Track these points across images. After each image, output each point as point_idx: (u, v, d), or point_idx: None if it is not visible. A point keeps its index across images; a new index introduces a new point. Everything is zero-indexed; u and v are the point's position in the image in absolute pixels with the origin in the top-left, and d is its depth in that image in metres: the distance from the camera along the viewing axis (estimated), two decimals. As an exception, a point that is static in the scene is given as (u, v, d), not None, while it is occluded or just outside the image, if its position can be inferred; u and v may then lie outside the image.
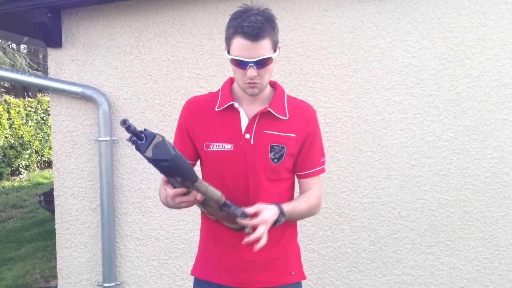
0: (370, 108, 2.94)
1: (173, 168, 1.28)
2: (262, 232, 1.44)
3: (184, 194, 1.41)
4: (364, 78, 2.94)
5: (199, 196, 1.43)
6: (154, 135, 1.25)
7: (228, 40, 1.53)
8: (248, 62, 1.49)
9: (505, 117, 2.79)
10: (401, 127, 2.91)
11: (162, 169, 1.29)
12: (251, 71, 1.51)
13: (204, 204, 1.50)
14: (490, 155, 2.82)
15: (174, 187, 1.42)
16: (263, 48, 1.50)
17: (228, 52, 1.54)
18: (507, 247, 2.84)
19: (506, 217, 2.82)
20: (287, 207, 1.59)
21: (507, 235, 2.83)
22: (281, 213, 1.55)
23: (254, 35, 1.46)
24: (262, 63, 1.52)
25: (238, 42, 1.49)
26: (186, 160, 1.34)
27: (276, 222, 1.54)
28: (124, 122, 1.19)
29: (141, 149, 1.24)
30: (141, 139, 1.24)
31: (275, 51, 1.55)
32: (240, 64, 1.51)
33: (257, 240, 1.44)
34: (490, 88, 2.80)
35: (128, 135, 1.26)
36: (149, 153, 1.23)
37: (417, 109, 2.88)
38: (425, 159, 2.89)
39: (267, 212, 1.49)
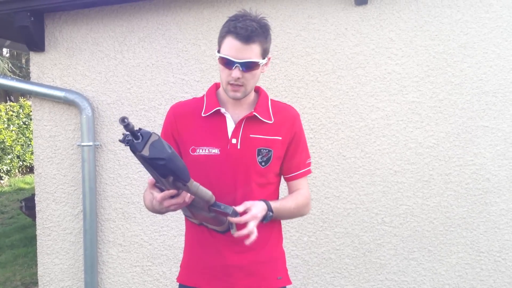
0: (354, 114, 2.96)
1: (168, 167, 1.25)
2: (252, 227, 1.46)
3: (172, 197, 1.40)
4: (348, 85, 2.96)
5: (187, 198, 1.41)
6: (150, 134, 1.23)
7: (221, 39, 1.56)
8: (235, 63, 1.51)
9: (486, 124, 2.83)
10: (384, 133, 2.93)
11: (157, 169, 1.27)
12: (236, 72, 1.52)
13: (191, 206, 1.48)
14: (472, 161, 2.86)
15: (162, 190, 1.40)
16: (252, 52, 1.52)
17: (219, 51, 1.57)
18: (488, 252, 2.87)
19: (487, 223, 2.86)
20: (274, 204, 1.61)
21: (488, 241, 2.87)
22: (269, 209, 1.57)
23: (245, 37, 1.49)
24: (248, 66, 1.53)
25: (229, 42, 1.51)
26: (181, 159, 1.32)
27: (264, 218, 1.55)
28: (123, 120, 1.16)
29: (137, 148, 1.21)
30: (137, 138, 1.22)
31: (263, 58, 1.57)
32: (227, 63, 1.53)
33: (247, 236, 1.46)
34: (471, 96, 2.84)
35: (120, 137, 1.24)
36: (146, 152, 1.21)
37: (400, 115, 2.91)
38: (407, 165, 2.92)
39: (256, 208, 1.51)
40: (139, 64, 3.22)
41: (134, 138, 1.21)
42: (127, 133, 1.21)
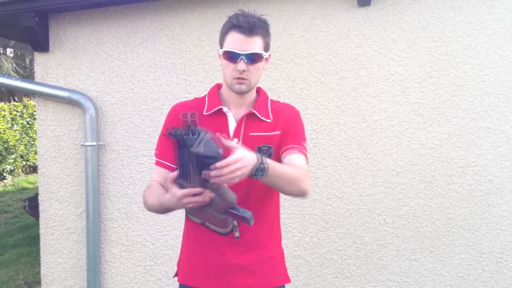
0: (357, 115, 2.97)
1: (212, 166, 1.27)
2: (236, 163, 1.28)
3: (194, 195, 1.36)
4: (351, 86, 2.97)
5: (208, 197, 1.40)
6: (206, 132, 1.27)
7: (223, 36, 1.59)
8: (240, 55, 1.54)
9: (488, 125, 2.83)
10: (387, 134, 2.94)
11: (202, 166, 1.27)
12: (241, 64, 1.55)
13: (206, 205, 1.45)
14: (474, 163, 2.86)
15: (181, 187, 1.36)
16: (255, 44, 1.56)
17: (221, 48, 1.60)
18: (490, 254, 2.87)
19: (489, 224, 2.86)
20: (270, 160, 1.43)
21: (490, 242, 2.87)
22: (261, 161, 1.39)
23: (248, 29, 1.53)
24: (252, 58, 1.56)
25: (232, 36, 1.55)
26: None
27: (257, 170, 1.38)
28: (184, 115, 1.21)
29: (192, 144, 1.23)
30: (194, 133, 1.25)
31: (266, 52, 1.61)
32: (231, 56, 1.55)
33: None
34: (474, 97, 2.84)
35: (168, 129, 1.24)
36: (200, 148, 1.23)
37: (403, 116, 2.92)
38: (410, 166, 2.92)
39: (249, 155, 1.34)
40: (143, 64, 3.24)
41: (192, 134, 1.24)
42: (178, 128, 1.24)
